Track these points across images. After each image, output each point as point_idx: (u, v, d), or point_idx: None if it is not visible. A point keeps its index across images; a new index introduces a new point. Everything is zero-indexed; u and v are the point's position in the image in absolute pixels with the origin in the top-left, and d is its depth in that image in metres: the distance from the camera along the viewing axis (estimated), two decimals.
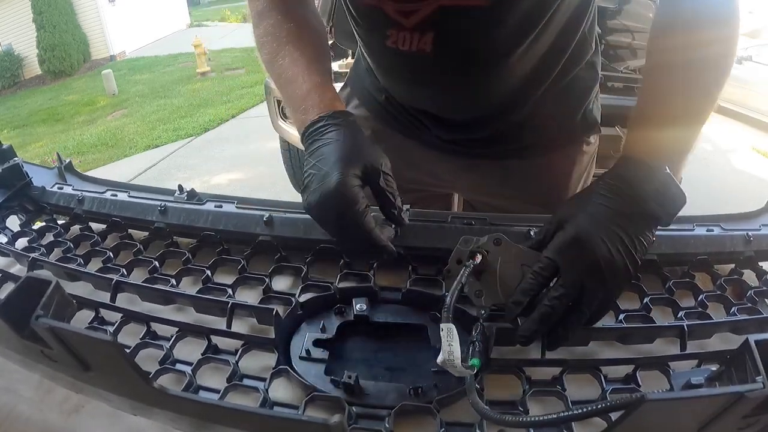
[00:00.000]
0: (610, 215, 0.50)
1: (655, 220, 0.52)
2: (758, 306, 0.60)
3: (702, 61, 0.59)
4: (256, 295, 0.62)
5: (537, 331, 0.48)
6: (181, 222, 0.72)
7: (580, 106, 0.81)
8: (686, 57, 0.59)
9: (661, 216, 0.52)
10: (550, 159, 0.83)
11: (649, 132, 0.58)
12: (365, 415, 0.48)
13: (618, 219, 0.50)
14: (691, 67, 0.59)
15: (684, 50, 0.59)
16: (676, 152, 0.59)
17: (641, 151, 0.55)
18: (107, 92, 8.01)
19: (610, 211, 0.51)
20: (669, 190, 0.52)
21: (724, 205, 3.31)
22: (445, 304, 0.48)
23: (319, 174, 0.55)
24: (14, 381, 0.54)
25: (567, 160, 0.85)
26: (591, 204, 0.52)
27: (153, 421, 0.48)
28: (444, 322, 0.46)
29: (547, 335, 0.50)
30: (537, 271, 0.49)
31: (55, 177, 0.85)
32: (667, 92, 0.60)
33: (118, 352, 0.35)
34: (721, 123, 5.32)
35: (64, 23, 10.07)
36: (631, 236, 0.49)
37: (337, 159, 0.55)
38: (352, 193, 0.53)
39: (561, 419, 0.39)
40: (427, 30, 0.67)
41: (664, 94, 0.60)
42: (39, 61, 10.09)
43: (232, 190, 3.81)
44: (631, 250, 0.49)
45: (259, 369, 0.53)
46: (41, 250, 0.69)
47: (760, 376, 0.33)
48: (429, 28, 0.67)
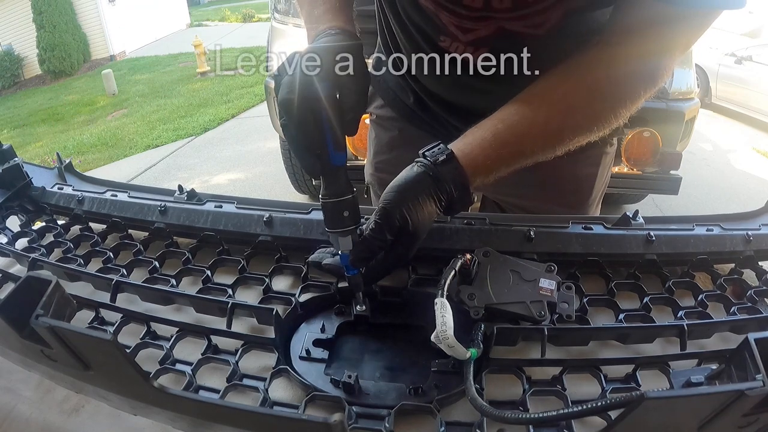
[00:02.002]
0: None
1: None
2: (758, 305, 0.60)
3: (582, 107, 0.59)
4: (256, 295, 0.62)
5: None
6: (181, 222, 0.72)
7: None
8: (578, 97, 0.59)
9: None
10: (576, 161, 0.83)
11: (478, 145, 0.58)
12: (365, 414, 0.48)
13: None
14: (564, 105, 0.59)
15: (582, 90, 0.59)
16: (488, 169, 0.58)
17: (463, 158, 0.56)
18: (107, 92, 8.01)
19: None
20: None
21: (724, 205, 3.32)
22: (440, 283, 0.51)
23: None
24: (14, 381, 0.54)
25: (592, 162, 0.87)
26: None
27: (153, 421, 0.48)
28: (438, 297, 0.49)
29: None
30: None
31: (55, 177, 0.86)
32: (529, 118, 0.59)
33: (117, 352, 0.35)
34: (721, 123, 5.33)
35: (64, 23, 10.07)
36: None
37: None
38: (328, 87, 0.51)
39: (560, 417, 0.39)
40: (482, 47, 0.68)
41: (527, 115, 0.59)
42: (39, 61, 10.10)
43: (232, 190, 3.81)
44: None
45: (259, 369, 0.53)
46: (41, 250, 0.69)
47: (760, 374, 0.33)
48: (484, 46, 0.68)
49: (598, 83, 0.59)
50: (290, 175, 3.09)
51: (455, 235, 0.66)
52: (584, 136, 0.60)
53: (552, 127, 0.59)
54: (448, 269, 0.53)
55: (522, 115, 0.58)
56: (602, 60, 0.59)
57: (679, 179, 2.39)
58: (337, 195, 0.54)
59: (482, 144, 0.57)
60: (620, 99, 0.59)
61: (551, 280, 0.55)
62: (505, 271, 0.55)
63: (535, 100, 0.59)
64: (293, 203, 0.73)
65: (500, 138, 0.57)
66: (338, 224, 0.54)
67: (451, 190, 0.55)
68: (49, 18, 9.82)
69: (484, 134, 0.57)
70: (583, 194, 0.88)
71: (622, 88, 0.59)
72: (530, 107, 0.58)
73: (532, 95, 0.60)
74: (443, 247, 0.64)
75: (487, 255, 0.56)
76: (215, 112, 6.18)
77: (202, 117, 6.06)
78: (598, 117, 0.59)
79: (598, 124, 0.60)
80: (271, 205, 0.73)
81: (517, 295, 0.53)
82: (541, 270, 0.56)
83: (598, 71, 0.59)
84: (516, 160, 0.58)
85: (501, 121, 0.58)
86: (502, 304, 0.53)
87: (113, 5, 11.04)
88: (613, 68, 0.58)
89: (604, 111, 0.59)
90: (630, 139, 2.34)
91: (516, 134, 0.57)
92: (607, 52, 0.59)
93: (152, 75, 9.09)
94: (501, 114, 0.59)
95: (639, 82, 0.59)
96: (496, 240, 0.65)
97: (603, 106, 0.59)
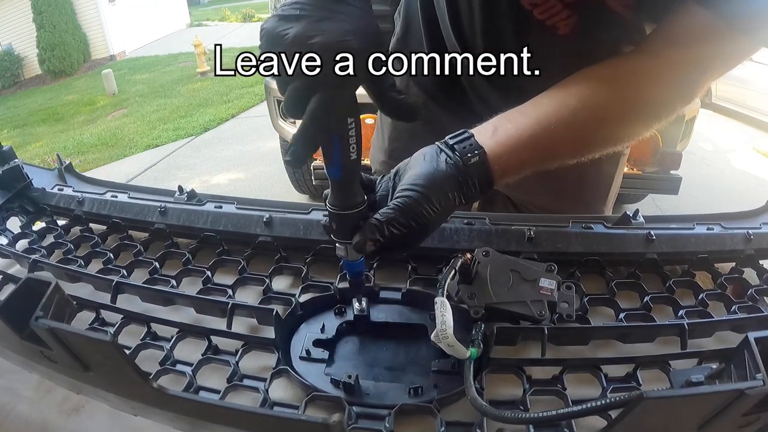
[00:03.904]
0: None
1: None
2: (759, 304, 0.60)
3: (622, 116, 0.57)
4: (256, 296, 0.62)
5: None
6: (181, 223, 0.72)
7: None
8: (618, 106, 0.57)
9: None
10: (599, 162, 0.82)
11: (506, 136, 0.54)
12: (365, 414, 0.48)
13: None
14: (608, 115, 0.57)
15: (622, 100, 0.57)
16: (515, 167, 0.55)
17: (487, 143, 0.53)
18: (107, 92, 8.02)
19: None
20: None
21: (724, 204, 3.32)
22: (440, 282, 0.51)
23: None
24: (14, 381, 0.54)
25: (613, 162, 0.86)
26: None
27: (153, 421, 0.48)
28: (438, 296, 0.49)
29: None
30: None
31: (56, 178, 0.86)
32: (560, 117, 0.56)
33: (117, 353, 0.35)
34: (721, 123, 5.32)
35: (64, 23, 10.08)
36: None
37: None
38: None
39: (560, 416, 0.39)
40: (575, 13, 0.65)
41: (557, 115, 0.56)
42: (39, 61, 10.11)
43: (232, 190, 3.82)
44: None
45: (259, 369, 0.53)
46: (42, 251, 0.69)
47: (760, 373, 0.33)
48: (577, 12, 0.65)
49: (638, 96, 0.57)
50: (290, 175, 3.09)
51: (455, 235, 0.66)
52: (613, 146, 0.59)
53: (586, 135, 0.57)
54: (448, 268, 0.53)
55: (559, 116, 0.55)
56: (644, 71, 0.57)
57: (679, 179, 2.39)
58: (344, 208, 0.49)
59: (516, 145, 0.54)
60: (656, 113, 0.58)
61: (551, 280, 0.55)
62: (505, 270, 0.55)
63: (572, 102, 0.56)
64: (293, 203, 0.73)
65: (535, 140, 0.54)
66: (344, 236, 0.50)
67: (476, 191, 0.52)
68: (49, 18, 9.83)
69: (519, 133, 0.54)
70: (601, 193, 0.88)
71: (660, 103, 0.58)
72: (568, 110, 0.56)
73: (571, 96, 0.57)
74: (443, 247, 0.64)
75: (486, 255, 0.56)
76: (215, 112, 6.18)
77: (202, 117, 6.06)
78: (632, 129, 0.58)
79: (630, 136, 0.59)
80: (271, 206, 0.73)
81: (517, 295, 0.53)
82: (541, 270, 0.56)
83: (640, 83, 0.57)
84: (545, 163, 0.57)
85: (538, 121, 0.55)
86: (502, 304, 0.53)
87: (113, 5, 11.05)
88: (654, 80, 0.57)
89: (638, 124, 0.58)
90: None
91: (552, 138, 0.55)
92: (649, 63, 0.57)
93: (152, 75, 9.09)
94: (537, 112, 0.56)
95: (677, 98, 0.58)
96: (496, 240, 0.65)
97: (638, 119, 0.58)
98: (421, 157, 0.52)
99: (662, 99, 0.58)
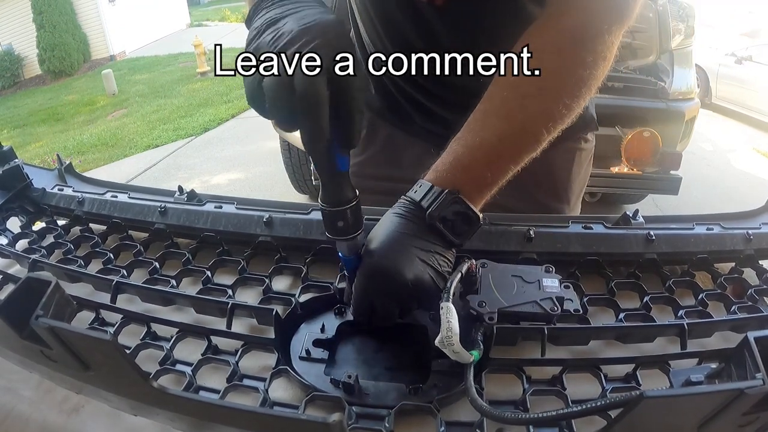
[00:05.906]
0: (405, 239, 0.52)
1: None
2: (758, 304, 0.60)
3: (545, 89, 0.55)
4: (256, 296, 0.62)
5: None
6: (181, 223, 0.72)
7: None
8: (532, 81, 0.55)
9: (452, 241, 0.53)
10: (546, 156, 0.82)
11: (457, 157, 0.55)
12: (365, 414, 0.48)
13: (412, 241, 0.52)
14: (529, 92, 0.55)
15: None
16: (481, 180, 0.56)
17: (444, 177, 0.54)
18: (107, 92, 8.02)
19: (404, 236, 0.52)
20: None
21: (724, 204, 3.32)
22: (446, 287, 0.51)
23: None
24: (14, 381, 0.54)
25: (566, 156, 0.84)
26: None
27: (153, 421, 0.48)
28: (444, 302, 0.48)
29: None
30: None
31: (56, 178, 0.86)
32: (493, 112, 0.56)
33: (117, 352, 0.35)
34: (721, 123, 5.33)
35: (64, 23, 10.08)
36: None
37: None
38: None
39: (560, 417, 0.39)
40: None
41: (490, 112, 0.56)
42: (39, 61, 10.11)
43: (232, 190, 3.82)
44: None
45: (259, 369, 0.53)
46: (42, 251, 0.69)
47: (760, 373, 0.33)
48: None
49: (563, 34, 0.56)
50: (290, 175, 3.09)
51: None
52: (575, 96, 0.56)
53: (519, 115, 0.56)
54: (453, 273, 0.53)
55: (508, 109, 0.55)
56: (562, 11, 0.56)
57: (679, 179, 2.39)
58: (333, 204, 0.49)
59: (488, 166, 0.55)
60: (594, 39, 0.55)
61: (553, 279, 0.55)
62: (507, 276, 0.55)
63: (498, 92, 0.56)
64: (293, 203, 0.73)
65: (497, 151, 0.55)
66: (336, 233, 0.51)
67: (465, 233, 0.54)
68: (49, 18, 9.83)
69: (485, 154, 0.55)
70: (558, 192, 0.86)
71: (592, 30, 0.55)
72: (500, 101, 0.56)
73: (496, 88, 0.57)
74: None
75: (485, 266, 0.56)
76: (215, 112, 6.19)
77: (202, 117, 6.06)
78: (577, 66, 0.55)
79: (582, 78, 0.56)
80: (271, 206, 0.73)
81: (525, 296, 0.54)
82: (540, 271, 0.56)
83: (562, 21, 0.56)
84: (517, 164, 0.57)
85: (494, 134, 0.55)
86: (514, 306, 0.53)
87: (113, 5, 11.05)
88: (576, 13, 0.55)
89: (579, 57, 0.55)
90: (630, 139, 2.35)
91: (509, 138, 0.55)
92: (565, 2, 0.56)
93: (152, 75, 9.09)
94: (483, 123, 0.56)
95: (609, 16, 0.56)
96: (496, 240, 0.65)
97: (575, 53, 0.56)
98: (392, 225, 0.53)
99: (594, 25, 0.56)
